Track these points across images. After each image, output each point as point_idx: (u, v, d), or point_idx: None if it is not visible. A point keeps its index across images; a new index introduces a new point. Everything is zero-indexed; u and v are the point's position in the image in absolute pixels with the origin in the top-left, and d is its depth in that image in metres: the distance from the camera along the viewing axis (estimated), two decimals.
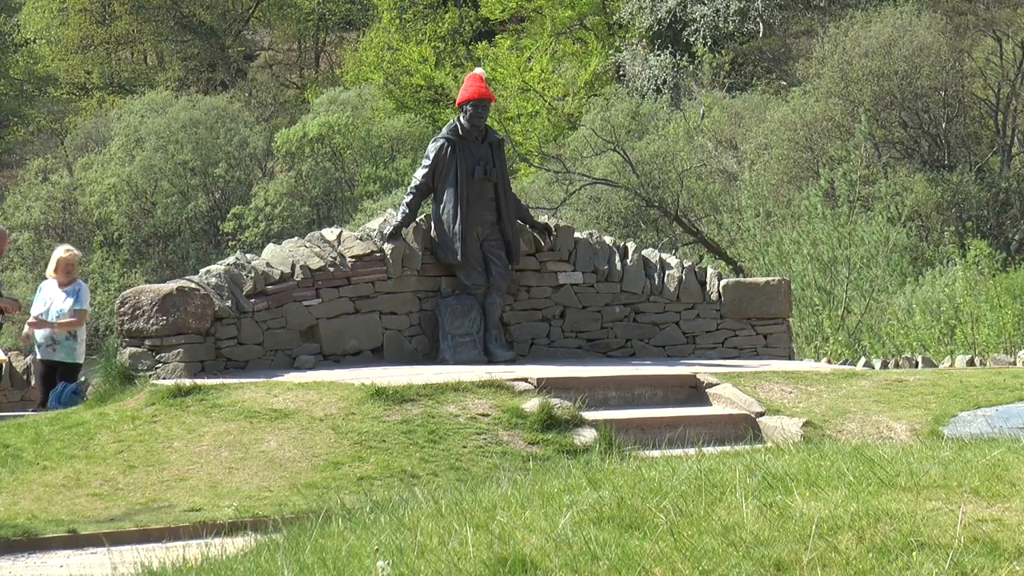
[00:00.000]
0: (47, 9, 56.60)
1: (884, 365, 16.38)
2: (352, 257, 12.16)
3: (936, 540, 4.48)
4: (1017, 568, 4.27)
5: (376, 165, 44.02)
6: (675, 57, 39.70)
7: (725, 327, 13.21)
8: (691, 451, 6.95)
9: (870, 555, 4.38)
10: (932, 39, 31.18)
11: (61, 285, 12.62)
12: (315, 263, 11.98)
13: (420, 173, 12.68)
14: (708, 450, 7.29)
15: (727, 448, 8.18)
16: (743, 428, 10.38)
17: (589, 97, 40.47)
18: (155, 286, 11.40)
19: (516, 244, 12.69)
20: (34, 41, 57.44)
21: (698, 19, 39.67)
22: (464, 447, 9.43)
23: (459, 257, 12.39)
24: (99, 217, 46.09)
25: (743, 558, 4.42)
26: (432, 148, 12.72)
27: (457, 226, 12.40)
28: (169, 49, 57.37)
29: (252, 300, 11.60)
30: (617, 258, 13.14)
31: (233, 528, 7.50)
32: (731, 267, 26.56)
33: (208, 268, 11.85)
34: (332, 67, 57.70)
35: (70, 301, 12.49)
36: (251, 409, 9.90)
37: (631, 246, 13.39)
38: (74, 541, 7.77)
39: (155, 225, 46.08)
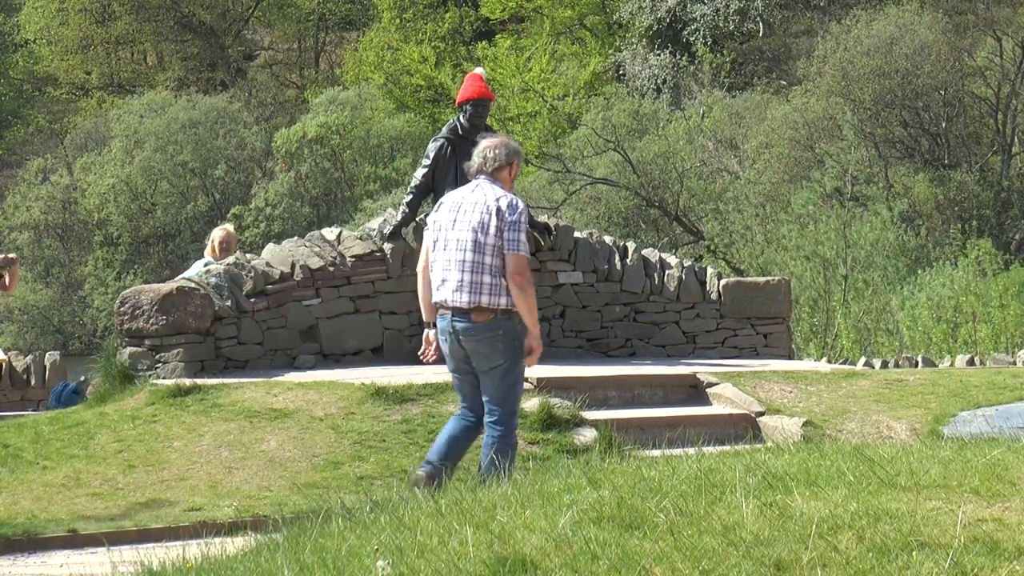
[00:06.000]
0: (47, 9, 56.64)
1: (884, 364, 16.37)
2: (352, 257, 12.15)
3: (936, 540, 4.48)
4: (1017, 568, 4.27)
5: (376, 165, 44.00)
6: (675, 57, 39.72)
7: (725, 327, 13.19)
8: (691, 451, 6.93)
9: (870, 555, 4.38)
10: (933, 38, 31.19)
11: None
12: (315, 263, 11.97)
13: (420, 173, 12.66)
14: (708, 450, 7.28)
15: (727, 448, 8.18)
16: (743, 428, 10.37)
17: (589, 97, 40.47)
18: (155, 286, 11.39)
19: None
20: (34, 41, 57.49)
21: (698, 19, 39.69)
22: None
23: None
24: (99, 219, 46.12)
25: (743, 558, 4.42)
26: (432, 148, 12.69)
27: None
28: (169, 49, 57.40)
29: (252, 300, 11.59)
30: (617, 258, 13.12)
31: (233, 528, 7.49)
32: (731, 267, 26.56)
33: (208, 268, 11.84)
34: (332, 67, 57.73)
35: None
36: (251, 409, 9.90)
37: (631, 246, 13.38)
38: (74, 541, 7.76)
39: (155, 225, 46.09)
